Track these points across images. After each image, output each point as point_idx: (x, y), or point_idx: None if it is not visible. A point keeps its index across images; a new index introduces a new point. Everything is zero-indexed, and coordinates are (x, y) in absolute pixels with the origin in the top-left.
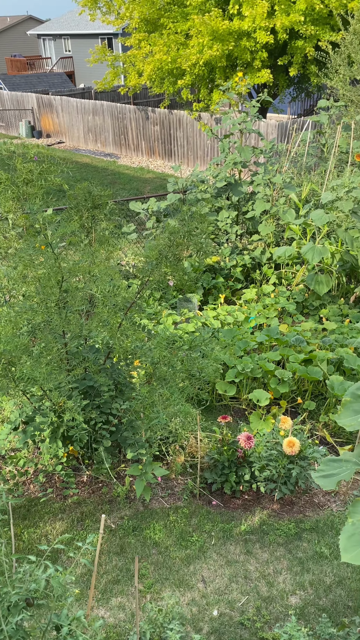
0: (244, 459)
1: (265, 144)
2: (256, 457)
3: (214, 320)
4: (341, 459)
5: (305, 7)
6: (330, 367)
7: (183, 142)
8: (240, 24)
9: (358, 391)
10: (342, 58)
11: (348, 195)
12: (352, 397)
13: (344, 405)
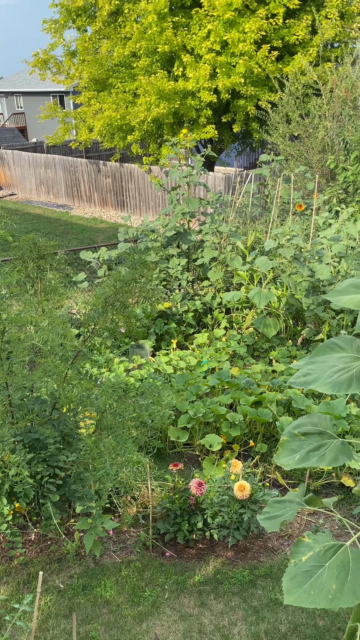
0: (196, 506)
1: (212, 195)
2: (208, 504)
3: (167, 365)
4: (285, 499)
5: (244, 70)
6: (280, 409)
7: (135, 194)
8: (185, 85)
9: (294, 430)
10: (280, 116)
11: (289, 243)
12: (289, 437)
13: (282, 445)
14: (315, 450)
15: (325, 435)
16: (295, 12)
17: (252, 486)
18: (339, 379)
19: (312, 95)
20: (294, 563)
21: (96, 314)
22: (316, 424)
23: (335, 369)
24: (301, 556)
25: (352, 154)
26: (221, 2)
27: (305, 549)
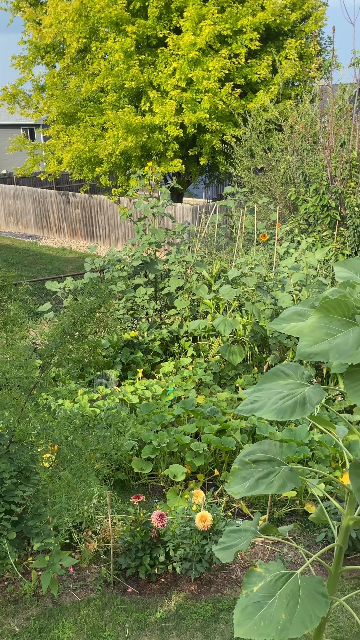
0: (158, 539)
1: (177, 226)
2: (170, 536)
3: (132, 395)
4: (241, 529)
5: (209, 106)
6: (244, 436)
7: (104, 224)
8: (152, 119)
9: (245, 458)
10: (244, 150)
11: (252, 272)
12: (240, 465)
13: (233, 473)
14: (264, 478)
15: (274, 462)
16: (256, 53)
17: (215, 516)
18: (283, 406)
19: (274, 130)
20: (246, 594)
21: (54, 345)
22: (266, 451)
23: (280, 396)
24: (252, 586)
25: (311, 186)
26: (185, 42)
27: (257, 579)
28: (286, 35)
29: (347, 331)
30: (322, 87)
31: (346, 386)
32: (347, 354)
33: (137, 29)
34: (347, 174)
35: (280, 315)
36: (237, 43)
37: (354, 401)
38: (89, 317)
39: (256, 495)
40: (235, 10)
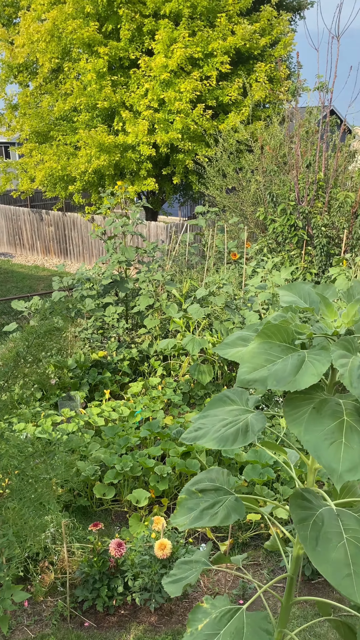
0: (117, 568)
1: (148, 244)
2: (129, 565)
3: (98, 417)
4: (192, 559)
5: (181, 127)
6: (210, 458)
7: (78, 242)
8: (125, 139)
9: (192, 487)
10: (215, 170)
11: (219, 291)
12: (186, 494)
13: (179, 503)
14: (209, 509)
15: (221, 492)
16: (228, 75)
17: (174, 543)
18: (225, 434)
19: (245, 151)
20: (190, 632)
21: (7, 369)
22: (213, 480)
23: (223, 423)
24: (198, 624)
25: (278, 206)
26: (157, 64)
27: (203, 615)
28: (256, 59)
29: (286, 357)
30: (290, 110)
31: (285, 414)
32: (285, 381)
33: (110, 51)
34: (314, 194)
35: (225, 340)
36: (209, 66)
37: (292, 430)
38: (43, 340)
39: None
40: (206, 34)
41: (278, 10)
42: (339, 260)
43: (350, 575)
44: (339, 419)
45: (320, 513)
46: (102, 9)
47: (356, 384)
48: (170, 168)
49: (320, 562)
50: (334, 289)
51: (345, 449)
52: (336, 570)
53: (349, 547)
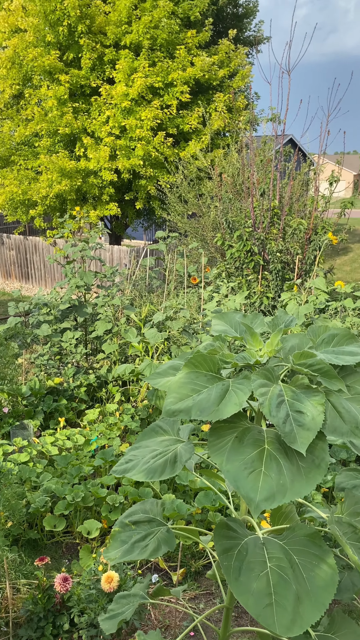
0: (62, 604)
1: (107, 269)
2: (75, 601)
3: (52, 446)
4: (130, 593)
5: (143, 154)
6: (164, 486)
7: (40, 266)
8: (87, 164)
9: (126, 519)
10: (176, 196)
11: (177, 315)
12: (120, 527)
13: (113, 537)
14: (140, 541)
15: (154, 523)
16: (188, 104)
17: (122, 575)
18: (154, 465)
19: (205, 178)
20: None
21: None
22: (147, 511)
23: (153, 454)
24: None
25: (235, 233)
26: (118, 93)
27: None
28: (215, 89)
29: (211, 387)
30: (247, 140)
31: (209, 443)
32: (209, 411)
33: (71, 79)
34: (269, 221)
35: (157, 369)
36: (169, 95)
37: (214, 460)
38: None
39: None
40: (165, 65)
41: (235, 44)
42: (290, 285)
43: (271, 604)
44: (259, 447)
45: (246, 542)
46: (63, 38)
47: (274, 412)
48: (133, 193)
49: (241, 592)
50: (261, 318)
51: (264, 478)
52: (257, 601)
53: (271, 576)
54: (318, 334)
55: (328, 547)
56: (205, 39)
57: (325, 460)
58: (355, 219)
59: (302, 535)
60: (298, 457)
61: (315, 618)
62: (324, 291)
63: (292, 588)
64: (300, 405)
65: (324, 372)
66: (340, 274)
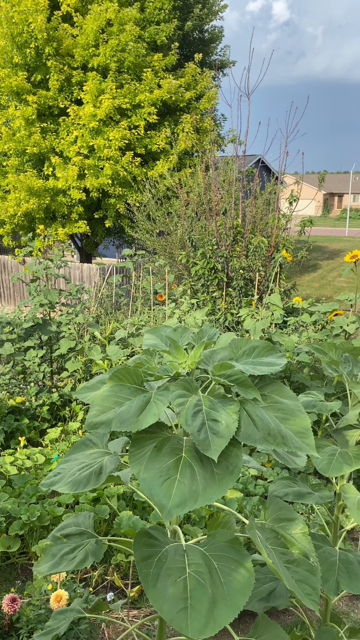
0: (11, 626)
1: (72, 287)
2: (24, 622)
3: (11, 466)
4: (68, 609)
5: (111, 173)
6: (123, 502)
7: (9, 284)
8: (55, 183)
9: (58, 533)
10: (144, 215)
11: (138, 332)
12: (52, 540)
13: (44, 550)
14: (69, 553)
15: (85, 536)
16: (156, 125)
17: (72, 594)
18: (79, 477)
19: (172, 197)
20: None
21: None
22: (79, 524)
23: (80, 466)
24: None
25: (198, 250)
26: (86, 113)
27: None
28: (183, 110)
29: (133, 399)
30: (213, 160)
31: (130, 454)
32: (128, 422)
33: (39, 99)
34: (233, 239)
35: (87, 383)
36: (137, 116)
37: (133, 469)
38: None
39: (127, 564)
40: (133, 87)
41: (202, 68)
42: (249, 301)
43: (186, 608)
44: (177, 455)
45: (166, 550)
46: (30, 60)
47: (190, 421)
48: (102, 212)
49: (157, 598)
50: (190, 332)
51: (177, 485)
52: (171, 605)
53: (189, 581)
54: (240, 346)
55: (247, 552)
56: (172, 62)
57: (239, 466)
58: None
59: (222, 542)
60: (213, 464)
61: (229, 620)
62: (279, 307)
63: (208, 592)
64: (216, 414)
65: (240, 382)
66: (310, 290)
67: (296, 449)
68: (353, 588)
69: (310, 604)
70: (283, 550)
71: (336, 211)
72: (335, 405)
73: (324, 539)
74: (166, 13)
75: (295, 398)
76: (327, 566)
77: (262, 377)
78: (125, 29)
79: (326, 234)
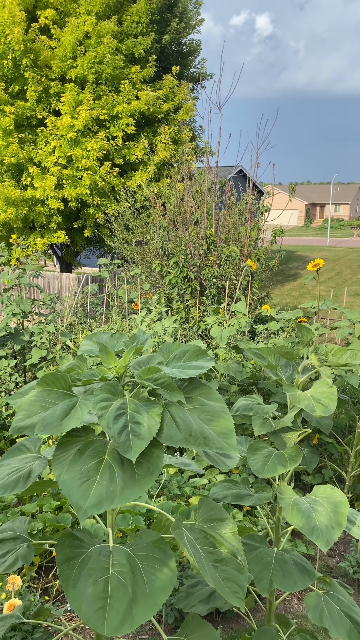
0: None
1: (45, 296)
2: None
3: None
4: (7, 615)
5: (89, 183)
6: None
7: None
8: (34, 193)
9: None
10: (122, 225)
11: None
12: None
13: None
14: (1, 558)
15: (19, 540)
16: (134, 136)
17: (27, 603)
18: (8, 481)
19: (150, 207)
20: None
21: None
22: (14, 529)
23: (10, 471)
24: None
25: (171, 259)
26: (64, 124)
27: None
28: (161, 122)
29: (59, 404)
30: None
31: (53, 457)
32: (52, 426)
33: (16, 110)
34: (207, 248)
35: (20, 389)
36: (115, 127)
37: (55, 472)
38: None
39: None
40: (110, 98)
41: (179, 80)
42: (216, 309)
43: (104, 607)
44: (99, 458)
45: (90, 551)
46: (8, 71)
47: (111, 424)
48: (82, 221)
49: (75, 598)
50: (125, 337)
51: (96, 487)
52: (89, 605)
53: (111, 581)
54: (171, 350)
55: (172, 552)
56: (150, 74)
57: (159, 467)
58: (305, 246)
59: (148, 542)
60: (135, 465)
61: (147, 617)
62: (245, 314)
63: (129, 591)
64: (139, 417)
65: (166, 385)
66: (289, 298)
67: (217, 449)
68: (286, 586)
69: (236, 601)
70: (212, 550)
71: (318, 221)
72: (272, 408)
73: (262, 539)
74: (144, 26)
75: (221, 400)
76: (263, 566)
77: (192, 380)
78: (102, 42)
79: (308, 243)
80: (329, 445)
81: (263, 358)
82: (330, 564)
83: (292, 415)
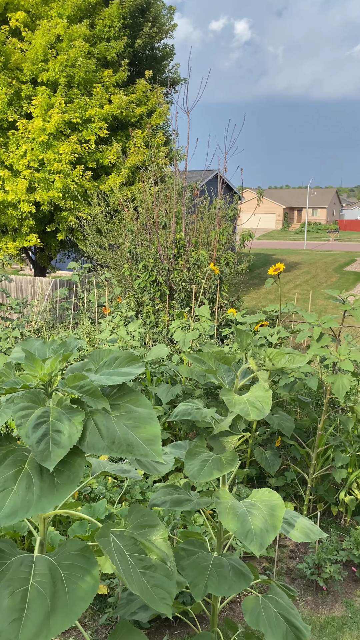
0: None
1: (11, 300)
2: None
3: None
4: None
5: (62, 186)
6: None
7: None
8: (5, 196)
9: None
10: (94, 229)
11: None
12: None
13: None
14: None
15: None
16: (107, 140)
17: None
18: None
19: (122, 210)
20: None
21: None
22: None
23: None
24: None
25: (139, 263)
26: (35, 127)
27: None
28: (134, 126)
29: None
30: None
31: None
32: None
33: None
34: (175, 252)
35: None
36: (87, 130)
37: None
38: None
39: None
40: (83, 102)
41: (152, 84)
42: (180, 313)
43: (20, 619)
44: (19, 467)
45: (11, 562)
46: None
47: (30, 433)
48: (55, 225)
49: None
50: (56, 345)
51: (12, 497)
52: (4, 617)
53: (30, 591)
54: (102, 357)
55: (95, 559)
56: (123, 78)
57: (79, 475)
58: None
59: (73, 550)
60: (55, 474)
61: (64, 627)
62: (208, 318)
63: (47, 602)
64: (61, 425)
65: (90, 393)
66: (265, 302)
67: (142, 455)
68: (220, 590)
69: (163, 608)
70: (141, 557)
71: (296, 225)
72: (209, 413)
73: (201, 544)
74: (116, 30)
75: (149, 407)
76: (199, 571)
77: (121, 387)
78: (74, 45)
79: (286, 247)
80: (291, 448)
81: (203, 363)
82: (290, 566)
83: (230, 420)
